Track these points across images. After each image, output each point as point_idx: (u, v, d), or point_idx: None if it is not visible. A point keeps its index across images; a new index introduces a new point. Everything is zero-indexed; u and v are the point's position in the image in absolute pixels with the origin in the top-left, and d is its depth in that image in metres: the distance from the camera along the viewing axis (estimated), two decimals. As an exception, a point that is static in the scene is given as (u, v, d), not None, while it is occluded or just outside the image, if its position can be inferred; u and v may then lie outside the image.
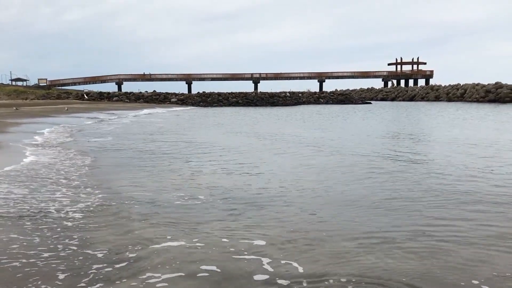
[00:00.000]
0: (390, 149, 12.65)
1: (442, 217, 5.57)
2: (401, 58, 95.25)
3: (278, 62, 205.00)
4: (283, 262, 4.16)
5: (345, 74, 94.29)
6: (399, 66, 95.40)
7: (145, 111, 42.64)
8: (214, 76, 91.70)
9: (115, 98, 62.06)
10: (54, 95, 63.30)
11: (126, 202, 6.45)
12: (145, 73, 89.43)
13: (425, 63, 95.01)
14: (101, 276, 3.84)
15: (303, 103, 62.62)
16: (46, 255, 4.31)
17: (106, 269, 3.99)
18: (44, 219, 5.47)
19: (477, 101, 60.95)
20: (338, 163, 10.00)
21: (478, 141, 14.40)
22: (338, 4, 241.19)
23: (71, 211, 5.89)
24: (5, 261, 4.13)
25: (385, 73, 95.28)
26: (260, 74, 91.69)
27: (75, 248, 4.52)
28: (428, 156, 11.13)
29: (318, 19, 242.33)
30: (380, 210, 5.98)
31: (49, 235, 4.91)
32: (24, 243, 4.61)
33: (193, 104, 59.24)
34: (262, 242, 4.70)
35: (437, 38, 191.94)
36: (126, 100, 61.15)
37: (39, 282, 3.72)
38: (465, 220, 5.44)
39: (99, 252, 4.42)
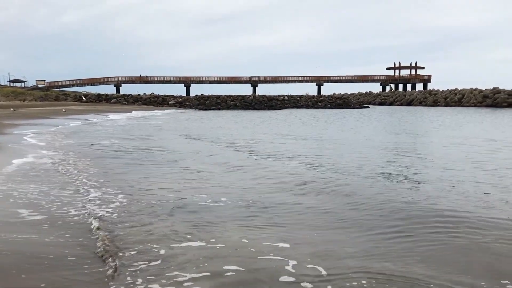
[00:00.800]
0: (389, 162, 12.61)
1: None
2: (399, 63, 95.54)
3: (277, 65, 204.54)
4: (308, 265, 4.20)
5: (343, 78, 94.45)
6: (397, 71, 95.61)
7: (143, 113, 42.63)
8: (213, 79, 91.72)
9: (113, 100, 62.03)
10: (52, 96, 63.17)
11: (145, 202, 6.61)
12: (142, 75, 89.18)
13: (423, 68, 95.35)
14: (131, 275, 3.94)
15: (301, 106, 62.67)
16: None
17: (135, 268, 4.09)
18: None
19: (475, 106, 61.19)
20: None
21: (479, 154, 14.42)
22: (337, 7, 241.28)
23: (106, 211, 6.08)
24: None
25: (383, 78, 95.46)
26: (258, 77, 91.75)
27: (106, 247, 4.63)
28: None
29: (317, 23, 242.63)
30: (399, 211, 6.12)
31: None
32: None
33: (191, 107, 59.29)
34: (285, 244, 4.77)
35: (435, 43, 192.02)
36: (124, 102, 61.12)
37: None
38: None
39: (127, 251, 4.51)
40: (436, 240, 4.93)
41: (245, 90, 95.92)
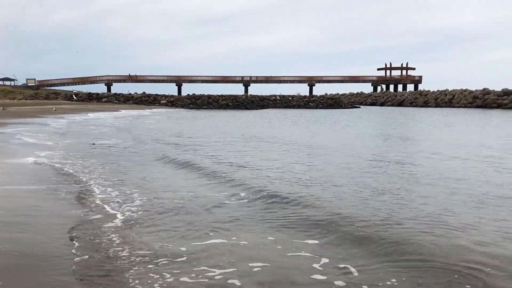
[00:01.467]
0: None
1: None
2: (390, 64, 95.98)
3: (277, 65, 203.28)
4: (339, 265, 4.20)
5: (335, 78, 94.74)
6: (388, 71, 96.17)
7: (132, 112, 42.37)
8: (205, 78, 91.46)
9: (104, 99, 61.63)
10: (42, 95, 62.57)
11: (161, 200, 6.66)
12: (131, 75, 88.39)
13: (414, 69, 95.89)
14: (154, 271, 3.97)
15: (293, 106, 62.64)
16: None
17: (160, 264, 4.12)
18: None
19: (465, 106, 61.71)
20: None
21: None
22: (337, 7, 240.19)
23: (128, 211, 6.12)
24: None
25: (374, 78, 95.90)
26: (250, 77, 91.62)
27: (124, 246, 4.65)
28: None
29: (317, 23, 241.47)
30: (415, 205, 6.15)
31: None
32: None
33: (182, 106, 59.07)
34: (314, 241, 4.80)
35: (426, 44, 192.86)
36: (115, 101, 60.74)
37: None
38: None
39: (148, 249, 4.54)
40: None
41: (238, 90, 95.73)
